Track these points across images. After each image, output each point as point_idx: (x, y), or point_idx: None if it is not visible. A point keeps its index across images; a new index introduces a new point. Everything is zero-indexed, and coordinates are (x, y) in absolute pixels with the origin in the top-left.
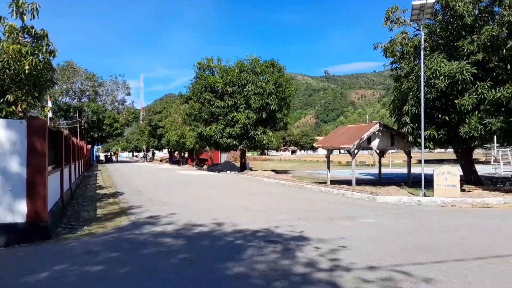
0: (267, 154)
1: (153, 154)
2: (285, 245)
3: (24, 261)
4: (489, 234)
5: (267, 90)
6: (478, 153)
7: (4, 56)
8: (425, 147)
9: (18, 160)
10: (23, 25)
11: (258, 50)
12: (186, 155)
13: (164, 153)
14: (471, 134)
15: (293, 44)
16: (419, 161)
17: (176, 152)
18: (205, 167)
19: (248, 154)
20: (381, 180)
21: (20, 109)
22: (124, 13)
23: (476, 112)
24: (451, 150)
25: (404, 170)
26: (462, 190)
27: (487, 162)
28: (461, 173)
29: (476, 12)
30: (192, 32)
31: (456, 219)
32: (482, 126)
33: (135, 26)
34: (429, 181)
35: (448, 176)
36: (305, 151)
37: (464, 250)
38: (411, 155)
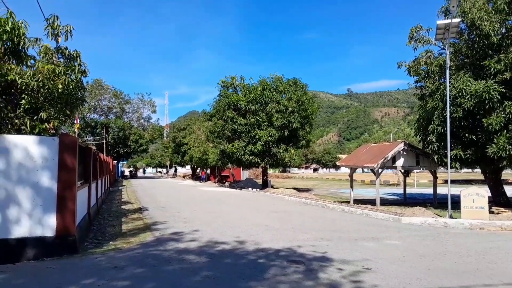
0: (289, 172)
1: (175, 170)
2: (308, 265)
3: (52, 275)
4: None
5: (290, 108)
6: (507, 174)
7: (39, 75)
8: (452, 167)
9: (49, 175)
10: (57, 46)
11: (281, 68)
12: (209, 171)
13: (187, 169)
14: (499, 154)
15: (316, 61)
16: (445, 181)
17: (199, 168)
18: (227, 183)
19: (270, 172)
20: (406, 201)
21: (52, 126)
22: (148, 33)
23: (505, 132)
24: (479, 170)
25: (430, 191)
26: (491, 212)
27: None
28: (489, 195)
29: (503, 30)
30: (215, 50)
31: (484, 242)
32: (510, 146)
33: (159, 45)
34: (455, 202)
35: (475, 197)
36: (327, 169)
37: (492, 275)
38: (437, 175)
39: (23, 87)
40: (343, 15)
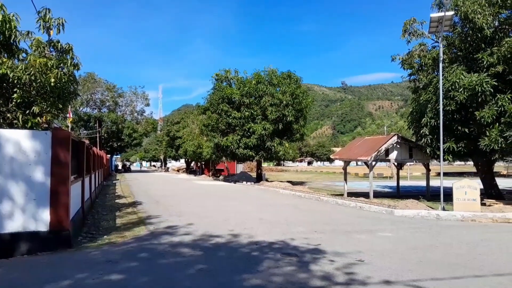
0: (283, 165)
1: (165, 165)
2: (301, 258)
3: (46, 269)
4: (510, 250)
5: (284, 102)
6: (499, 166)
7: (31, 69)
8: (444, 160)
9: (42, 169)
10: (49, 39)
11: (275, 61)
12: (203, 165)
13: (181, 163)
14: (491, 147)
15: (310, 54)
16: (438, 174)
17: (193, 162)
18: (221, 177)
19: (264, 165)
20: (399, 193)
21: (44, 120)
22: (143, 25)
23: (497, 124)
24: (471, 162)
25: (423, 183)
26: (483, 204)
27: (508, 176)
28: (482, 187)
29: (496, 24)
30: (209, 43)
31: (476, 234)
32: (502, 139)
33: (154, 37)
34: (448, 195)
35: (468, 190)
36: (322, 162)
37: (483, 266)
38: (430, 167)
39: (15, 81)
40: (337, 7)
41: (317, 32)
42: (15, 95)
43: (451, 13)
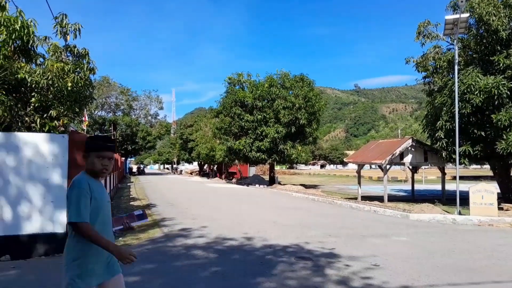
0: (296, 168)
1: (173, 168)
2: (316, 261)
3: None
4: None
5: (297, 105)
6: None
7: (48, 73)
8: (460, 164)
9: (59, 172)
10: (66, 44)
11: (287, 64)
12: (215, 168)
13: (194, 166)
14: (508, 151)
15: (323, 57)
16: (454, 177)
17: (206, 165)
18: (234, 180)
19: (277, 168)
20: (414, 197)
21: (61, 124)
22: (155, 30)
23: None
24: (488, 166)
25: (438, 187)
26: (500, 208)
27: None
28: (499, 191)
29: None
30: (221, 47)
31: (493, 239)
32: None
33: (166, 42)
34: (464, 199)
35: (484, 194)
36: (335, 165)
37: (502, 272)
38: (446, 171)
39: (33, 85)
40: (351, 10)
41: (329, 35)
42: (33, 99)
43: (466, 15)
